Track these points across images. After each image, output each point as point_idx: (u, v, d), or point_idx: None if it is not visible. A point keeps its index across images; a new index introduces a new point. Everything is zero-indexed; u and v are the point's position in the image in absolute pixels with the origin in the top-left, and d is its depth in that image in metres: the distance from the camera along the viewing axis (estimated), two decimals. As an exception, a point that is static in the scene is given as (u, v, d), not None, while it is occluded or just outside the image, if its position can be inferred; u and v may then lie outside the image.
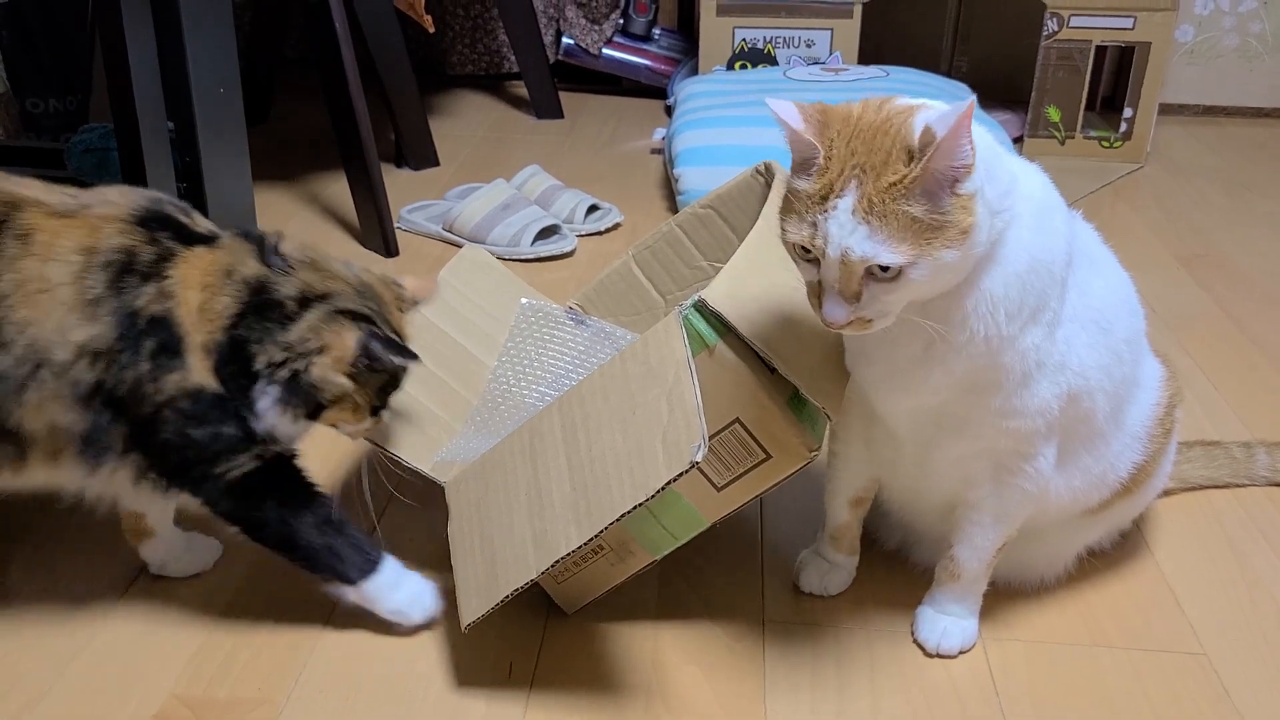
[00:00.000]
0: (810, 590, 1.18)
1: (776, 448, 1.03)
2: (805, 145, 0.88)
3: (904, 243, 0.85)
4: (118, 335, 1.00)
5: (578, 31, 2.98)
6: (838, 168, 0.86)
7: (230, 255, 1.06)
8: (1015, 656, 1.12)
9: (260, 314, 1.04)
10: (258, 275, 1.05)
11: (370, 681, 1.08)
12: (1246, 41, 2.85)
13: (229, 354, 1.03)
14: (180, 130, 1.40)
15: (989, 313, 0.93)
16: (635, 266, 1.48)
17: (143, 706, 1.04)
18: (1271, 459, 1.39)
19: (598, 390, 1.04)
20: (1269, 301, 1.91)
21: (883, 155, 0.85)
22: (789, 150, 0.91)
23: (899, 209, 0.84)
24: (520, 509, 1.05)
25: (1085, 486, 1.10)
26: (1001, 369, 0.96)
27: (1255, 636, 1.14)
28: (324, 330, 1.05)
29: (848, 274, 0.87)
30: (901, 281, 0.87)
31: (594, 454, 1.01)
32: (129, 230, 1.02)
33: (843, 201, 0.86)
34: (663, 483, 0.92)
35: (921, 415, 1.02)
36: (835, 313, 0.89)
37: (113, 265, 1.01)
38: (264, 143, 2.59)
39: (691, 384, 0.95)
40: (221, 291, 1.03)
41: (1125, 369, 1.07)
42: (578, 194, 2.18)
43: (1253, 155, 2.68)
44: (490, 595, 1.04)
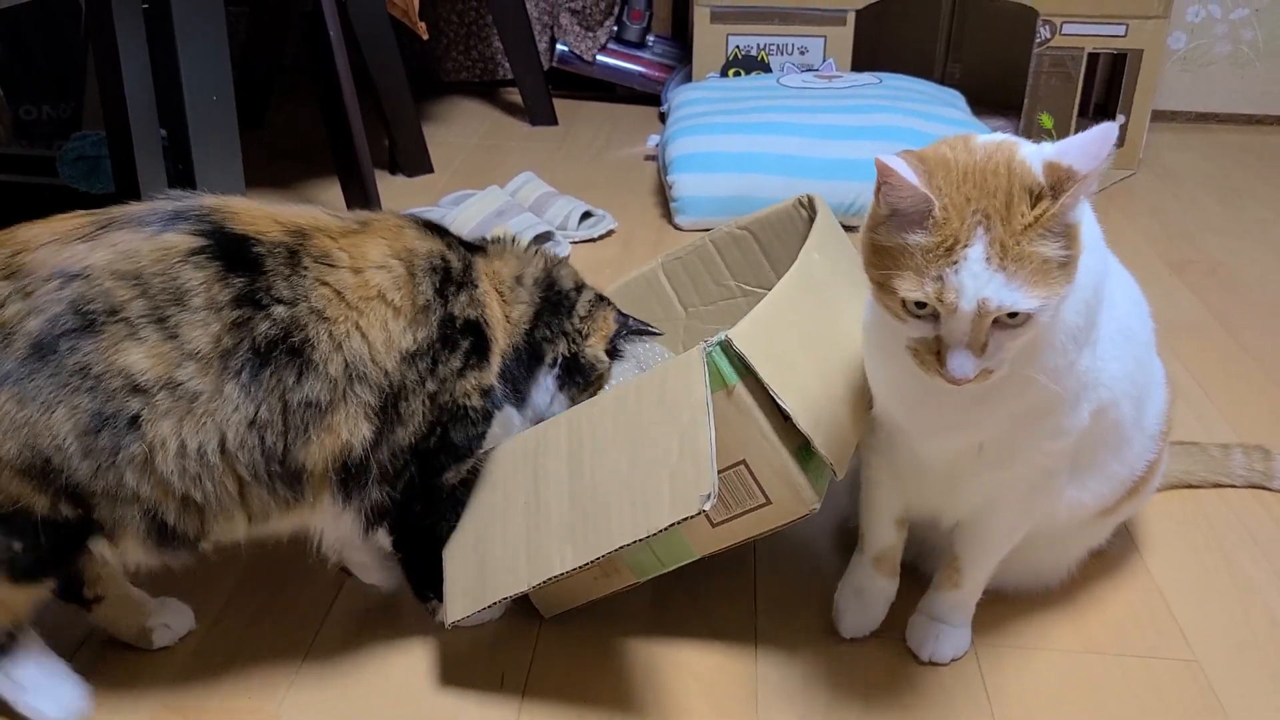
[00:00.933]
0: (854, 635, 1.13)
1: (778, 495, 1.03)
2: (918, 199, 0.83)
3: (1038, 285, 0.82)
4: (440, 337, 1.02)
5: (572, 38, 2.98)
6: (958, 216, 0.83)
7: (511, 262, 1.13)
8: (1007, 663, 1.12)
9: (553, 310, 1.14)
10: (542, 274, 1.14)
11: (362, 690, 1.08)
12: (1238, 49, 2.86)
13: (528, 355, 1.12)
14: (173, 138, 1.40)
15: (1063, 344, 0.91)
16: (663, 275, 1.48)
17: (134, 715, 1.04)
18: (1248, 459, 1.40)
19: (608, 413, 1.04)
20: (1261, 307, 1.91)
21: (1004, 197, 0.82)
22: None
23: (1032, 250, 0.82)
24: (516, 516, 1.05)
25: (1109, 491, 1.10)
26: (1059, 396, 0.94)
27: (1246, 642, 1.15)
28: (596, 312, 1.17)
29: (980, 325, 0.84)
30: (1028, 326, 0.84)
31: (597, 478, 1.00)
32: (428, 236, 1.04)
33: (972, 251, 0.82)
34: (666, 524, 0.92)
35: (965, 448, 1.00)
36: (965, 367, 0.85)
37: (436, 271, 1.03)
38: (259, 149, 2.60)
39: (708, 429, 0.94)
40: (518, 299, 1.11)
41: (1145, 372, 1.07)
42: (571, 200, 2.18)
43: (1245, 162, 2.69)
44: (478, 598, 1.04)
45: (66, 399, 0.88)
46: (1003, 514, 1.06)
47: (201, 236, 0.94)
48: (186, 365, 0.90)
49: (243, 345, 0.92)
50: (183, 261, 0.92)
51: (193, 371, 0.91)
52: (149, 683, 1.08)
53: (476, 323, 1.06)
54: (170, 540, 0.95)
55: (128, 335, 0.89)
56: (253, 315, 0.93)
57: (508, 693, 1.07)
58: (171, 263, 0.91)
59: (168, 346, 0.90)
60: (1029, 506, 1.05)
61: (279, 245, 0.96)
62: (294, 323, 0.94)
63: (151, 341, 0.90)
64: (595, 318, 1.17)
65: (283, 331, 0.94)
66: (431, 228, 1.08)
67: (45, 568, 0.96)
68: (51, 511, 0.91)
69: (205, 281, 0.92)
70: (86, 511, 0.92)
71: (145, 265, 0.91)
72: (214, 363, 0.91)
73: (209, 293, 0.92)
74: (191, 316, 0.91)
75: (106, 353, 0.89)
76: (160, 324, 0.90)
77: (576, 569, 0.98)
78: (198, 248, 0.93)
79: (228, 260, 0.93)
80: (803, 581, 1.23)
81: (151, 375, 0.89)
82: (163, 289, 0.91)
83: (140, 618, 1.11)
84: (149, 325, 0.90)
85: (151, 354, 0.90)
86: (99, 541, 0.95)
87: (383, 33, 2.32)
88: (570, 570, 0.98)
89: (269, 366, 0.93)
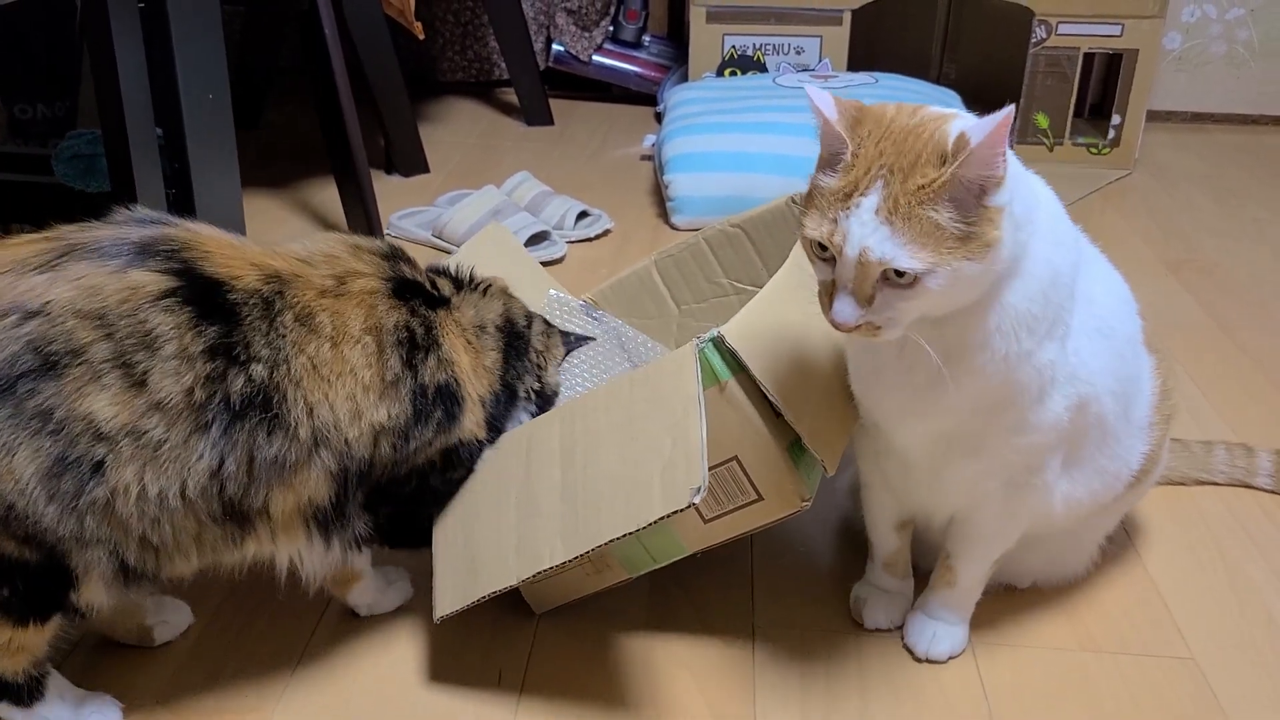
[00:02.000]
0: (877, 627, 1.15)
1: (769, 491, 1.03)
2: (835, 139, 0.87)
3: (924, 249, 0.83)
4: (413, 411, 1.02)
5: (568, 38, 2.98)
6: (864, 166, 0.85)
7: (472, 309, 1.12)
8: (1004, 662, 1.12)
9: (518, 350, 1.16)
10: (502, 317, 1.15)
11: (358, 689, 1.08)
12: (1234, 49, 2.87)
13: (505, 397, 1.13)
14: (169, 137, 1.40)
15: (1012, 329, 0.91)
16: (656, 272, 1.49)
17: (131, 713, 1.03)
18: (1230, 456, 1.40)
19: (601, 408, 1.04)
20: (1255, 306, 1.92)
21: (912, 158, 0.84)
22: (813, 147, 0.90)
23: (924, 213, 0.83)
24: (508, 510, 1.05)
25: (1102, 487, 1.10)
26: (1017, 386, 0.95)
27: (1243, 640, 1.15)
28: (549, 341, 1.21)
29: (863, 275, 0.86)
30: (917, 290, 0.85)
31: (589, 473, 1.01)
32: (396, 305, 1.03)
33: (866, 200, 0.84)
34: (656, 517, 0.92)
35: (935, 439, 1.01)
36: (845, 313, 0.87)
37: (402, 344, 1.02)
38: (255, 150, 2.59)
39: (699, 424, 0.94)
40: (486, 346, 1.12)
41: (1129, 368, 1.07)
42: (568, 200, 2.18)
43: (1240, 161, 2.70)
44: (467, 593, 1.04)
45: (27, 441, 0.85)
46: (987, 511, 1.06)
47: (171, 277, 0.90)
48: (153, 415, 0.88)
49: (215, 399, 0.90)
50: (151, 305, 0.88)
51: (159, 421, 0.88)
52: (145, 682, 1.07)
53: (447, 385, 1.05)
54: (133, 579, 0.94)
55: (91, 380, 0.86)
56: (227, 370, 0.91)
57: (505, 690, 1.07)
58: (139, 304, 0.88)
59: (133, 394, 0.87)
60: (1013, 504, 1.05)
61: (254, 294, 0.94)
62: (273, 386, 0.93)
63: (116, 389, 0.87)
64: (549, 347, 1.21)
65: (259, 392, 0.92)
66: (399, 288, 1.05)
67: (43, 608, 0.93)
68: (20, 556, 0.89)
69: (176, 328, 0.89)
70: (53, 555, 0.89)
71: (110, 305, 0.87)
72: (184, 414, 0.89)
73: (180, 341, 0.89)
74: (163, 365, 0.88)
75: (69, 397, 0.86)
76: (126, 370, 0.87)
77: (566, 563, 0.98)
78: (168, 289, 0.89)
79: (199, 307, 0.90)
80: (800, 578, 1.23)
81: (116, 423, 0.87)
82: (130, 333, 0.87)
83: (138, 617, 1.10)
84: (113, 371, 0.87)
85: (116, 401, 0.87)
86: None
87: (378, 32, 2.32)
88: (559, 564, 0.98)
89: (242, 423, 0.91)
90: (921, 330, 0.91)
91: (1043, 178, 1.00)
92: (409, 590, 1.18)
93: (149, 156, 1.34)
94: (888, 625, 1.15)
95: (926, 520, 1.14)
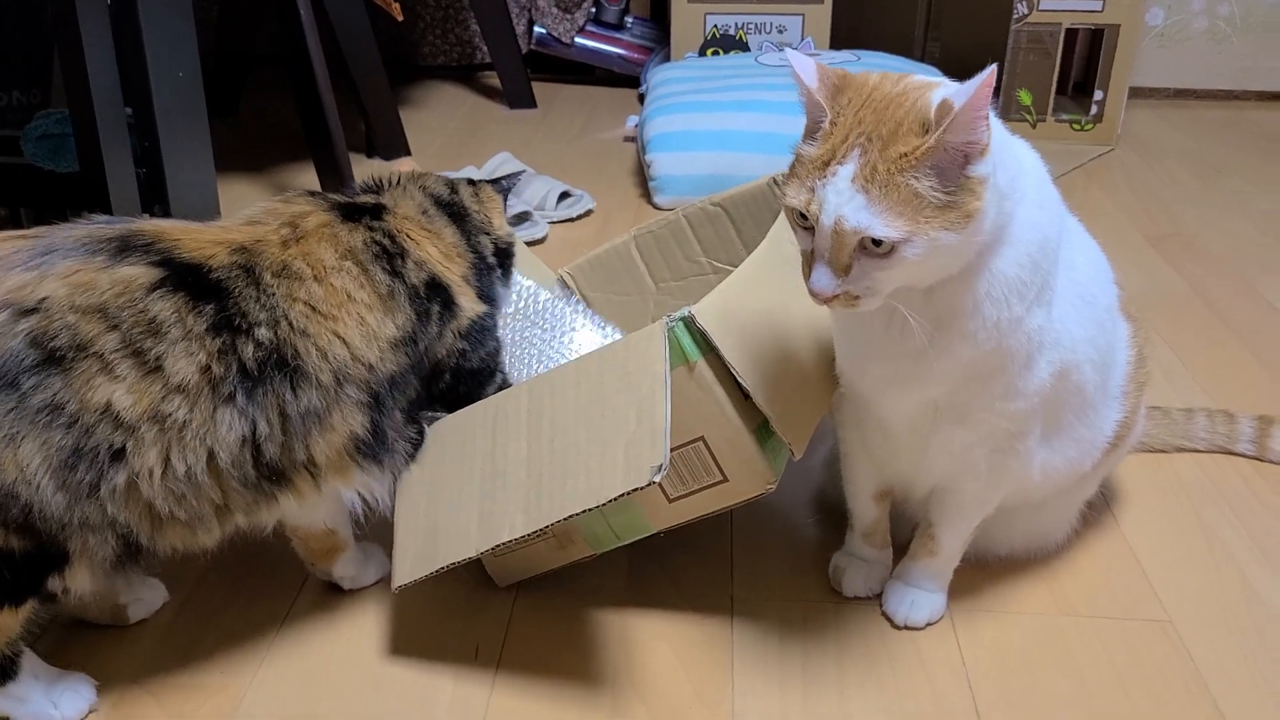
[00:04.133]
0: (856, 594, 1.15)
1: (735, 472, 1.03)
2: (815, 107, 0.87)
3: (901, 217, 0.82)
4: (415, 314, 1.05)
5: (550, 20, 2.97)
6: (842, 134, 0.85)
7: (410, 201, 1.16)
8: (982, 627, 1.12)
9: (461, 218, 1.18)
10: (430, 197, 1.18)
11: (334, 666, 1.07)
12: (1215, 24, 2.86)
13: (482, 268, 1.17)
14: (139, 116, 1.39)
15: (1003, 295, 0.91)
16: (635, 248, 1.48)
17: (104, 691, 1.03)
18: (1211, 423, 1.40)
19: (570, 383, 1.04)
20: (1236, 279, 1.92)
21: (893, 126, 0.83)
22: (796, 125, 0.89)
23: (902, 181, 0.82)
24: (472, 482, 1.04)
25: (1079, 455, 1.10)
26: (1007, 353, 0.94)
27: (1219, 602, 1.15)
28: (482, 196, 1.23)
29: (840, 244, 0.85)
30: (894, 260, 0.84)
31: (555, 446, 1.00)
32: (353, 227, 1.06)
33: (844, 169, 0.84)
34: (617, 493, 0.92)
35: (922, 408, 1.01)
36: (822, 283, 0.87)
37: (380, 257, 1.05)
38: (234, 136, 2.58)
39: (664, 402, 0.94)
40: (440, 231, 1.15)
41: (1108, 336, 1.07)
42: (549, 181, 2.17)
43: (1222, 136, 2.70)
44: (427, 562, 1.03)
45: (34, 435, 0.85)
46: (971, 479, 1.05)
47: (156, 268, 0.92)
48: (174, 398, 0.90)
49: (233, 370, 0.92)
50: (146, 295, 0.90)
51: (181, 402, 0.90)
52: (120, 661, 1.07)
53: (432, 279, 1.09)
54: (132, 560, 0.94)
55: (101, 370, 0.88)
56: (235, 340, 0.93)
57: (483, 664, 1.07)
58: (135, 295, 0.90)
59: (150, 380, 0.89)
60: (997, 471, 1.05)
61: (233, 267, 0.96)
62: (282, 342, 0.95)
63: (132, 378, 0.88)
64: (484, 201, 1.24)
65: (271, 352, 0.95)
66: (345, 212, 1.08)
67: (21, 592, 0.93)
68: (6, 544, 0.88)
69: (177, 312, 0.91)
70: (45, 543, 0.89)
71: (108, 300, 0.89)
72: (205, 391, 0.91)
73: (184, 324, 0.91)
74: (174, 348, 0.90)
75: (79, 390, 0.87)
76: (138, 357, 0.89)
77: (527, 536, 0.98)
78: (157, 280, 0.91)
79: (190, 290, 0.92)
80: (778, 549, 1.23)
81: (136, 410, 0.88)
82: (135, 322, 0.89)
83: (112, 597, 1.10)
84: (125, 360, 0.88)
85: (133, 390, 0.88)
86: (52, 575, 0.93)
87: (357, 16, 2.31)
88: (520, 537, 0.98)
89: (264, 385, 0.94)
90: (911, 299, 0.90)
91: (1027, 143, 0.99)
92: (387, 563, 1.18)
93: (117, 135, 1.33)
94: (866, 594, 1.15)
95: (906, 491, 1.14)
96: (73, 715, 0.99)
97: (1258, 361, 1.63)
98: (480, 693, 1.04)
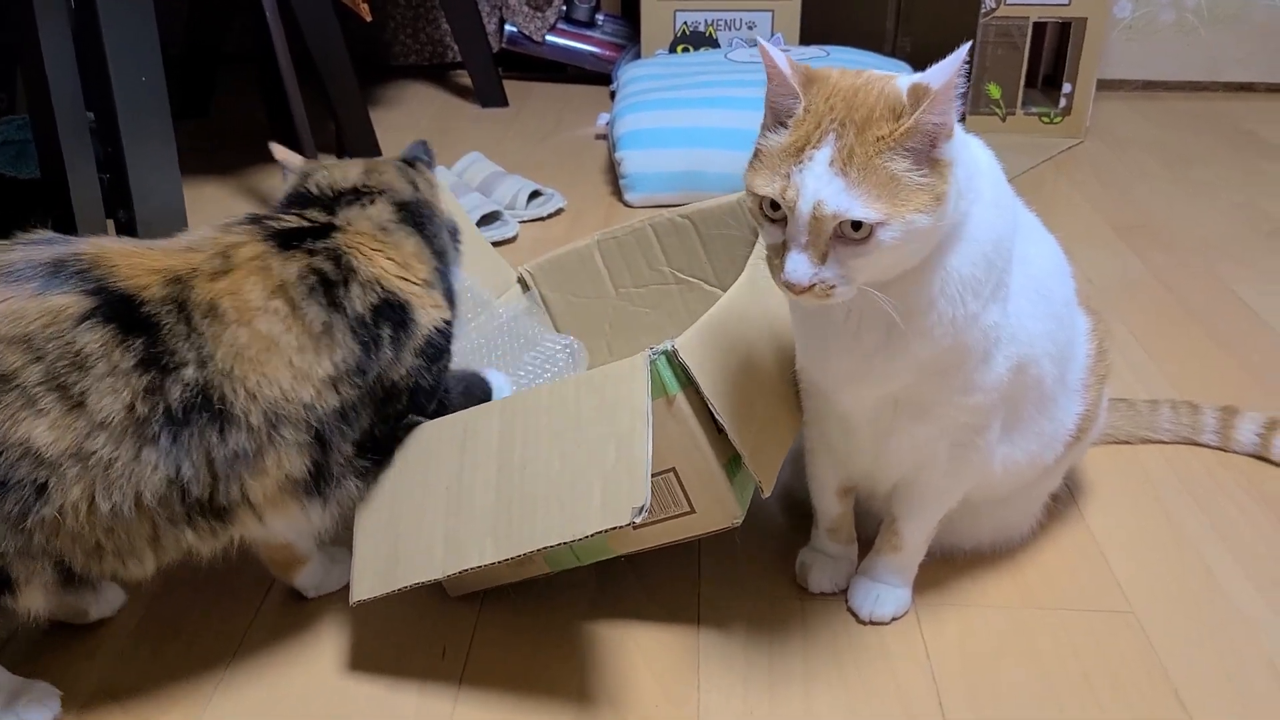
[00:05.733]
0: (822, 590, 1.15)
1: (703, 506, 1.03)
2: (788, 94, 0.87)
3: (879, 199, 0.83)
4: (360, 345, 1.01)
5: (521, 19, 2.96)
6: (815, 120, 0.85)
7: (366, 216, 1.10)
8: (947, 621, 1.12)
9: (425, 220, 1.14)
10: (394, 206, 1.12)
11: (301, 668, 1.07)
12: (1183, 16, 2.88)
13: (443, 265, 1.14)
14: (101, 121, 1.38)
15: (957, 293, 0.91)
16: (598, 253, 1.47)
17: (69, 700, 1.02)
18: (1175, 414, 1.41)
19: (544, 409, 1.02)
20: (1204, 269, 1.93)
21: (865, 111, 0.84)
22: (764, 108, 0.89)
23: (880, 164, 0.83)
24: (437, 500, 1.03)
25: (1040, 449, 1.10)
26: (965, 349, 0.95)
27: (1182, 593, 1.16)
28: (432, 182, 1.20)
29: (816, 230, 0.84)
30: (870, 245, 0.84)
31: (526, 472, 0.99)
32: (290, 256, 1.01)
33: (820, 153, 0.84)
34: (594, 530, 0.92)
35: (882, 404, 1.01)
36: (798, 271, 0.86)
37: (316, 289, 1.00)
38: (204, 138, 2.57)
39: (646, 440, 0.93)
40: (400, 244, 1.09)
41: (1066, 331, 1.08)
42: (519, 180, 2.17)
43: (1190, 127, 2.72)
44: (388, 580, 1.02)
45: None
46: (933, 474, 1.06)
47: (88, 296, 0.90)
48: (98, 435, 0.88)
49: (159, 410, 0.90)
50: (75, 325, 0.88)
51: (104, 440, 0.88)
52: (85, 668, 1.06)
53: (385, 302, 1.04)
54: (78, 584, 0.94)
55: (25, 405, 0.86)
56: (162, 379, 0.90)
57: (449, 667, 1.07)
58: (63, 326, 0.88)
59: (74, 417, 0.87)
60: (958, 465, 1.05)
61: (165, 301, 0.93)
62: (209, 385, 0.92)
63: (55, 412, 0.86)
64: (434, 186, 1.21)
65: (197, 394, 0.92)
66: (285, 239, 1.03)
67: None
68: None
69: (104, 346, 0.88)
70: None
71: (35, 330, 0.87)
72: (130, 430, 0.89)
73: (110, 359, 0.88)
74: (98, 384, 0.88)
75: (2, 423, 0.85)
76: (62, 391, 0.87)
77: (495, 564, 0.97)
78: (89, 310, 0.89)
79: (120, 322, 0.90)
80: (745, 546, 1.23)
81: (57, 448, 0.86)
82: (60, 355, 0.87)
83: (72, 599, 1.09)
84: (49, 394, 0.86)
85: (56, 426, 0.86)
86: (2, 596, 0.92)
87: (325, 15, 2.29)
88: (489, 564, 0.97)
89: (189, 428, 0.91)
90: (867, 297, 0.91)
91: (994, 148, 0.99)
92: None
93: (80, 141, 1.32)
94: (832, 589, 1.16)
95: (869, 487, 1.14)
96: None
97: (1223, 352, 1.65)
98: (445, 696, 1.04)
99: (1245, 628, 1.11)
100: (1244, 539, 1.24)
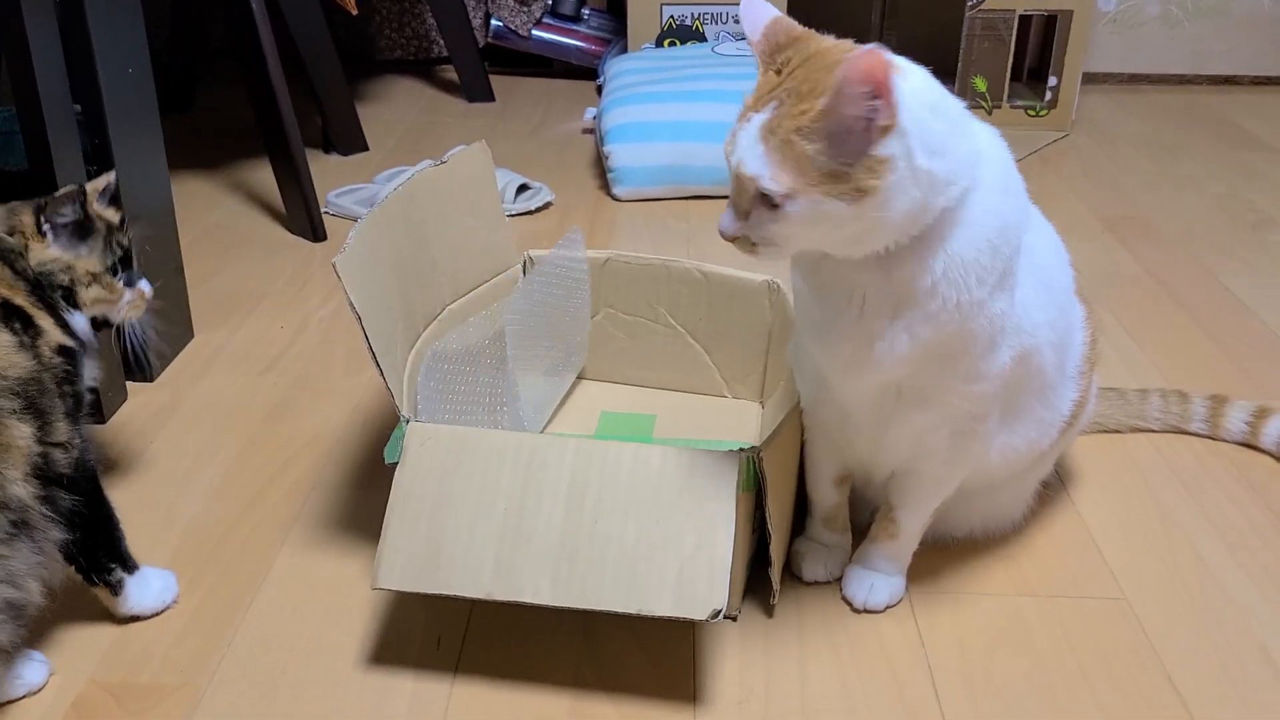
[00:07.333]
0: (816, 579, 1.16)
1: None
2: (756, 48, 0.91)
3: (786, 173, 0.84)
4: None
5: (506, 13, 2.96)
6: (768, 87, 0.88)
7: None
8: (940, 608, 1.13)
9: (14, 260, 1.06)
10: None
11: (295, 664, 1.06)
12: (1167, 9, 2.90)
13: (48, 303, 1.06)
14: (88, 113, 1.37)
15: (960, 277, 0.91)
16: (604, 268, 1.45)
17: (62, 692, 1.02)
18: (1165, 403, 1.42)
19: (624, 470, 1.00)
20: (1190, 260, 1.94)
21: (809, 87, 0.85)
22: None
23: (794, 140, 0.84)
24: (492, 519, 1.00)
25: (1038, 435, 1.11)
26: (970, 336, 0.95)
27: (1173, 579, 1.17)
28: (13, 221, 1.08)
29: (739, 187, 0.88)
30: (780, 214, 0.86)
31: (597, 528, 0.98)
32: None
33: (758, 117, 0.86)
34: (665, 614, 0.94)
35: (884, 392, 1.01)
36: (724, 222, 0.91)
37: None
38: (190, 132, 2.56)
39: (729, 539, 0.96)
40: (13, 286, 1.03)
41: (1067, 319, 1.08)
42: (507, 173, 2.16)
43: (1176, 120, 2.73)
44: (421, 579, 1.00)
45: None
46: (932, 461, 1.06)
47: None
48: None
49: None
50: None
51: None
52: (79, 658, 1.06)
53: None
54: None
55: None
56: None
57: (444, 655, 1.06)
58: None
59: None
60: (957, 453, 1.06)
61: None
62: None
63: None
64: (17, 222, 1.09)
65: None
66: None
67: None
68: None
69: None
70: None
71: None
72: None
73: None
74: None
75: None
76: None
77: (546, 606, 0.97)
78: None
79: None
80: (739, 537, 1.23)
81: None
82: None
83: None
84: None
85: None
86: None
87: (310, 9, 2.29)
88: (540, 604, 0.97)
89: None
90: (869, 275, 0.92)
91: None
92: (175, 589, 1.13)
93: (66, 133, 1.30)
94: (826, 578, 1.16)
95: (866, 475, 1.15)
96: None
97: (1211, 341, 1.66)
98: (441, 684, 1.03)
99: (1236, 614, 1.12)
100: (1234, 526, 1.25)
